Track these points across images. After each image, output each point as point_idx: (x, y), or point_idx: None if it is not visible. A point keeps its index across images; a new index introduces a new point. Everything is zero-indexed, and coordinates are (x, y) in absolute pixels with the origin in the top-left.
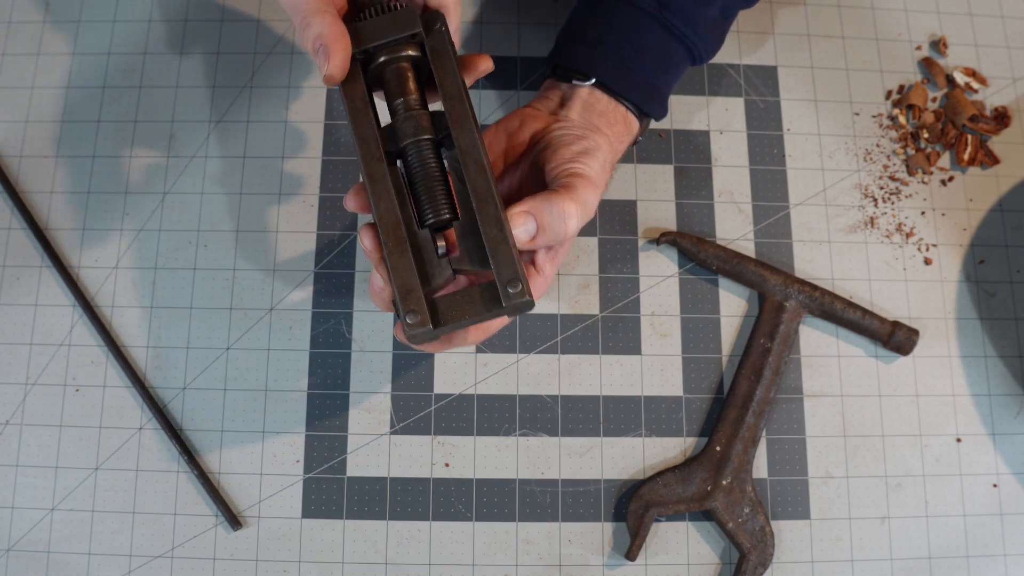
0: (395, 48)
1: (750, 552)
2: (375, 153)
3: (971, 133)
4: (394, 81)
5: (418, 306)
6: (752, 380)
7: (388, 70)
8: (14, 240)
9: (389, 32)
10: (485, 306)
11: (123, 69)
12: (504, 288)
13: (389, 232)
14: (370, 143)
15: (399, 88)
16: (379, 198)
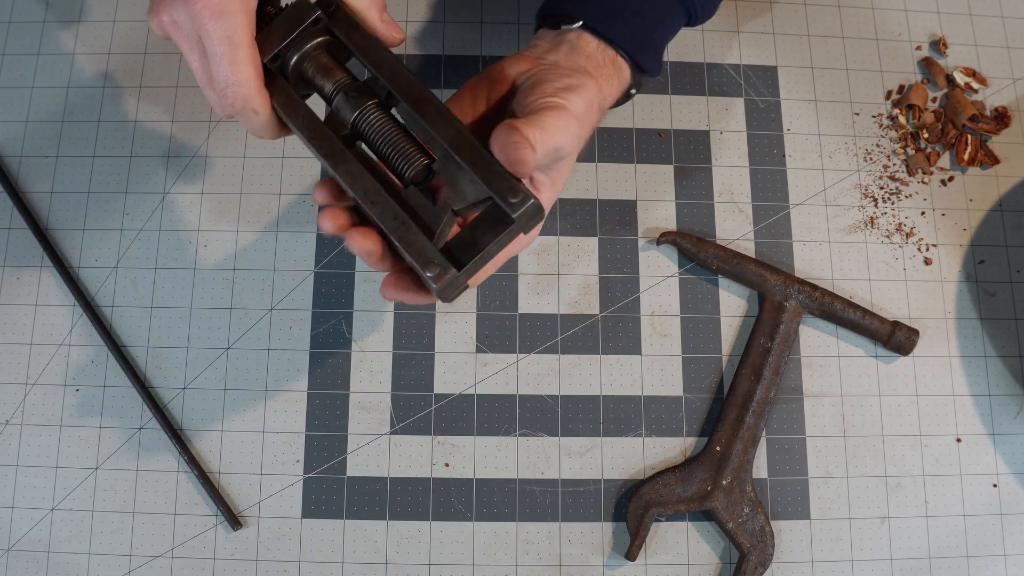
0: (302, 41)
1: (750, 552)
2: (329, 140)
3: (971, 133)
4: (318, 71)
5: (435, 258)
6: (752, 380)
7: (307, 65)
8: (14, 240)
9: (292, 27)
10: (496, 229)
11: (123, 69)
12: (506, 201)
13: (377, 203)
14: (320, 134)
15: (325, 75)
16: (353, 177)
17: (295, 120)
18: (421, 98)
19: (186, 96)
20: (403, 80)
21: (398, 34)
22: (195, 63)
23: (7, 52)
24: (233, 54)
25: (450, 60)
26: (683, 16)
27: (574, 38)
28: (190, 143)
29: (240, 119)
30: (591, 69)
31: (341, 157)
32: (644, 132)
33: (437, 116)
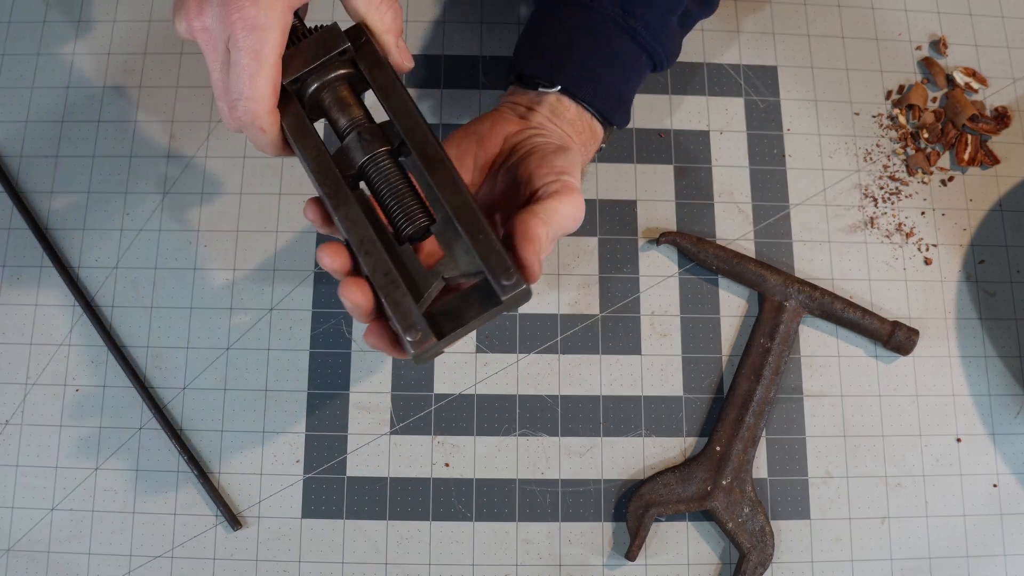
0: (326, 70)
1: (750, 552)
2: (334, 179)
3: (971, 133)
4: (335, 104)
5: (418, 323)
6: (752, 380)
7: (325, 95)
8: (14, 240)
9: (318, 55)
10: (482, 305)
11: (123, 69)
12: (498, 282)
13: (371, 255)
14: (327, 171)
15: (342, 110)
16: (351, 222)
17: (303, 149)
18: (434, 157)
19: (186, 96)
20: (419, 133)
21: (408, 63)
22: (216, 71)
23: (7, 52)
24: (256, 69)
25: (450, 60)
26: (648, 67)
27: (554, 101)
28: (190, 143)
29: (247, 133)
30: (573, 135)
31: (343, 199)
32: (644, 132)
33: (446, 179)
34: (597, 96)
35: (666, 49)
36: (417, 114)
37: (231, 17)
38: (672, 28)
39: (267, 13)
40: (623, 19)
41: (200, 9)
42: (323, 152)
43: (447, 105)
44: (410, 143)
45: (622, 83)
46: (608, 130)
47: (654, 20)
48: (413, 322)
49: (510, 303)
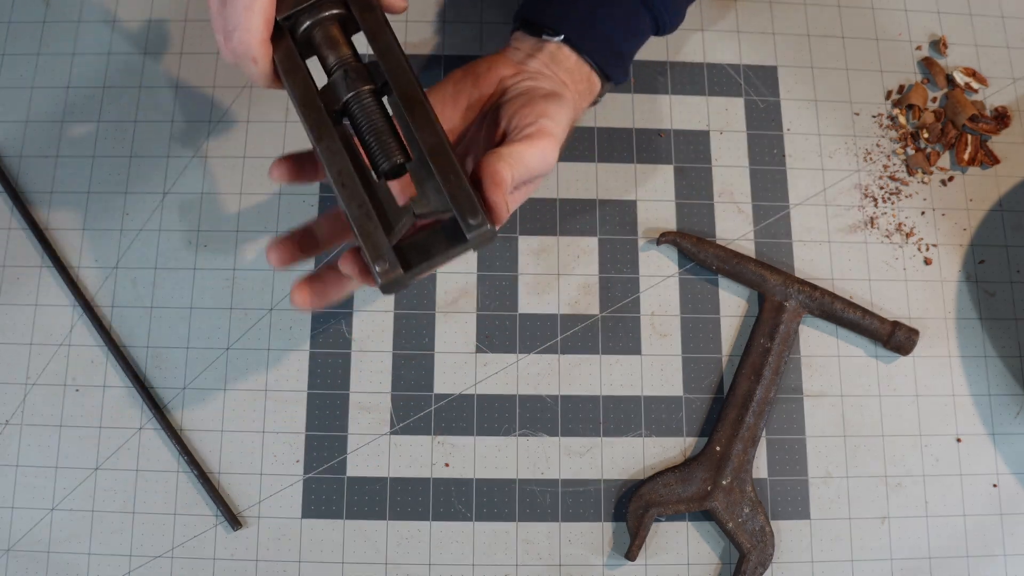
0: (318, 8)
1: (750, 552)
2: (318, 112)
3: (971, 133)
4: (325, 42)
5: (387, 254)
6: (752, 380)
7: (316, 32)
8: (14, 240)
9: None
10: (449, 242)
11: (123, 69)
12: (465, 221)
13: (347, 187)
14: (311, 104)
15: (331, 47)
16: (332, 154)
17: (292, 82)
18: (414, 98)
19: (186, 96)
20: (402, 75)
21: (402, 2)
22: (214, 5)
23: (7, 52)
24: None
25: (450, 60)
26: (652, 28)
27: (554, 49)
28: (190, 143)
29: (240, 65)
30: (569, 83)
31: (326, 131)
32: (644, 132)
33: (424, 120)
34: (598, 49)
35: (670, 12)
36: (402, 57)
37: None
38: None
39: None
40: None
41: None
42: (311, 87)
43: None
44: (393, 83)
45: (624, 40)
46: (605, 84)
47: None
48: (382, 253)
49: (475, 241)
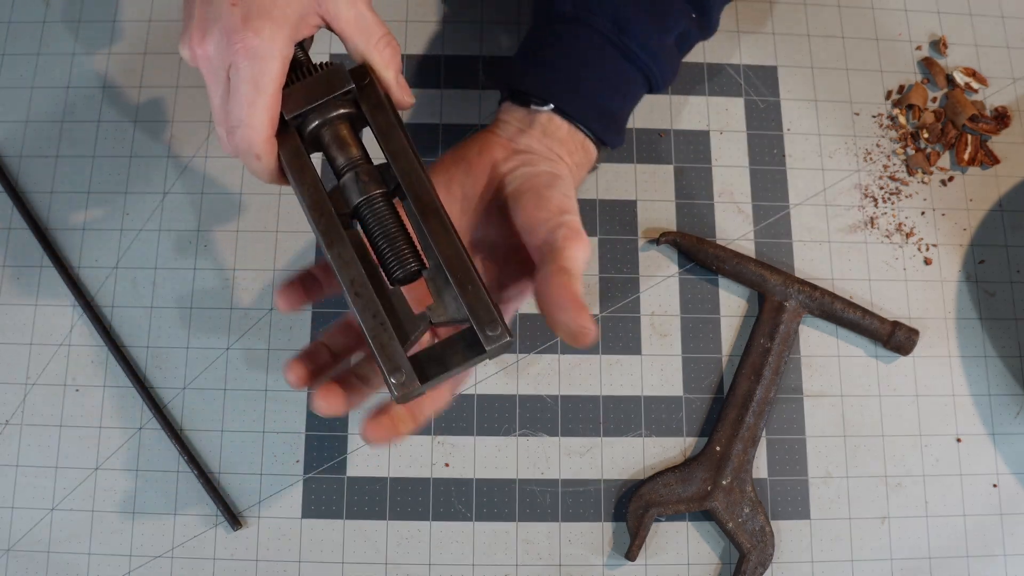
0: (328, 108)
1: (750, 552)
2: (329, 217)
3: (971, 133)
4: (334, 142)
5: (403, 366)
6: (752, 380)
7: (325, 132)
8: (14, 240)
9: (322, 93)
10: (466, 353)
11: (123, 69)
12: (483, 331)
13: (361, 296)
14: (322, 209)
15: (340, 148)
16: (344, 262)
17: (300, 183)
18: (429, 205)
19: (186, 96)
20: (416, 180)
21: (408, 98)
22: (216, 97)
23: (7, 52)
24: (255, 97)
25: (450, 60)
26: (644, 86)
27: (545, 120)
28: (190, 143)
29: (242, 159)
30: (564, 155)
31: (337, 237)
32: (644, 132)
33: (439, 227)
34: (589, 114)
35: (662, 69)
36: (415, 159)
37: (234, 46)
38: (669, 48)
39: (269, 43)
40: (617, 37)
41: (203, 37)
42: (319, 188)
43: (447, 105)
44: (406, 188)
45: (616, 102)
46: (601, 150)
47: (649, 39)
48: (398, 364)
49: (494, 352)
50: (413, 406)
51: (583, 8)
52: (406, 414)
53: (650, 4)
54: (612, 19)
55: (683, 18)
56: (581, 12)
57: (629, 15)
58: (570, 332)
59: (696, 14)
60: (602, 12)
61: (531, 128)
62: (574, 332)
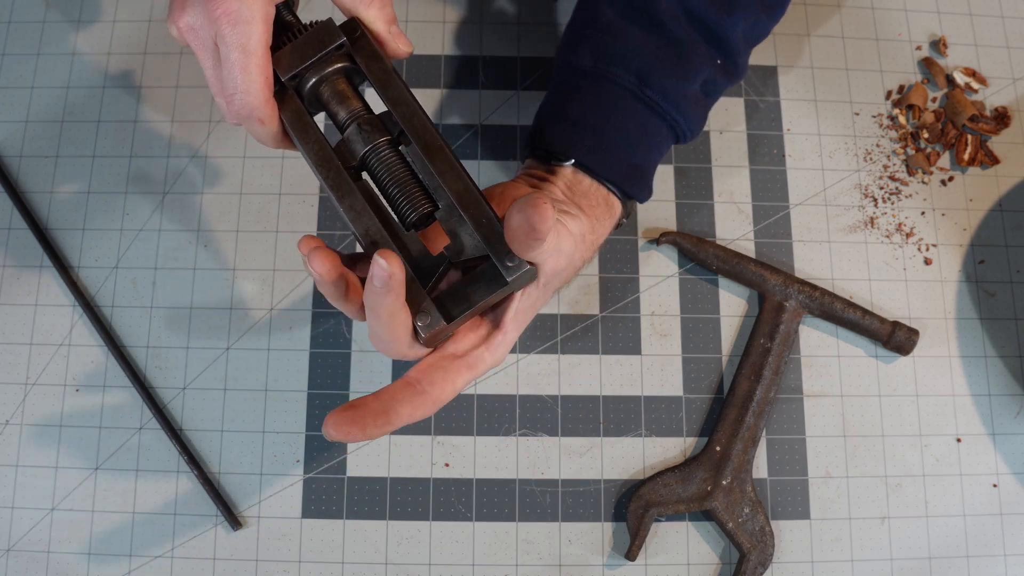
0: (323, 65)
1: (750, 552)
2: (337, 171)
3: (971, 133)
4: (334, 97)
5: (428, 308)
6: (752, 380)
7: (323, 89)
8: (14, 240)
9: (314, 51)
10: (488, 287)
11: (123, 69)
12: (503, 263)
13: (377, 243)
14: (329, 163)
15: (340, 102)
16: (356, 213)
17: (305, 142)
18: (434, 144)
19: (186, 96)
20: (418, 123)
21: (405, 47)
22: (208, 69)
23: (7, 52)
24: (245, 62)
25: (450, 60)
26: (671, 137)
27: (569, 174)
28: (190, 143)
29: (246, 126)
30: (586, 208)
31: (347, 190)
32: None
33: (447, 166)
34: (612, 169)
35: (687, 118)
36: (415, 103)
37: (214, 13)
38: (694, 96)
39: (248, 6)
40: (640, 89)
41: (183, 8)
42: (324, 145)
43: (447, 105)
44: (409, 132)
45: (641, 155)
46: (628, 204)
47: (673, 90)
48: (423, 307)
49: (516, 283)
50: (388, 405)
51: (604, 61)
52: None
53: (672, 53)
54: (634, 72)
55: (707, 65)
56: (602, 66)
57: (651, 67)
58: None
59: (721, 59)
60: (623, 65)
61: (556, 180)
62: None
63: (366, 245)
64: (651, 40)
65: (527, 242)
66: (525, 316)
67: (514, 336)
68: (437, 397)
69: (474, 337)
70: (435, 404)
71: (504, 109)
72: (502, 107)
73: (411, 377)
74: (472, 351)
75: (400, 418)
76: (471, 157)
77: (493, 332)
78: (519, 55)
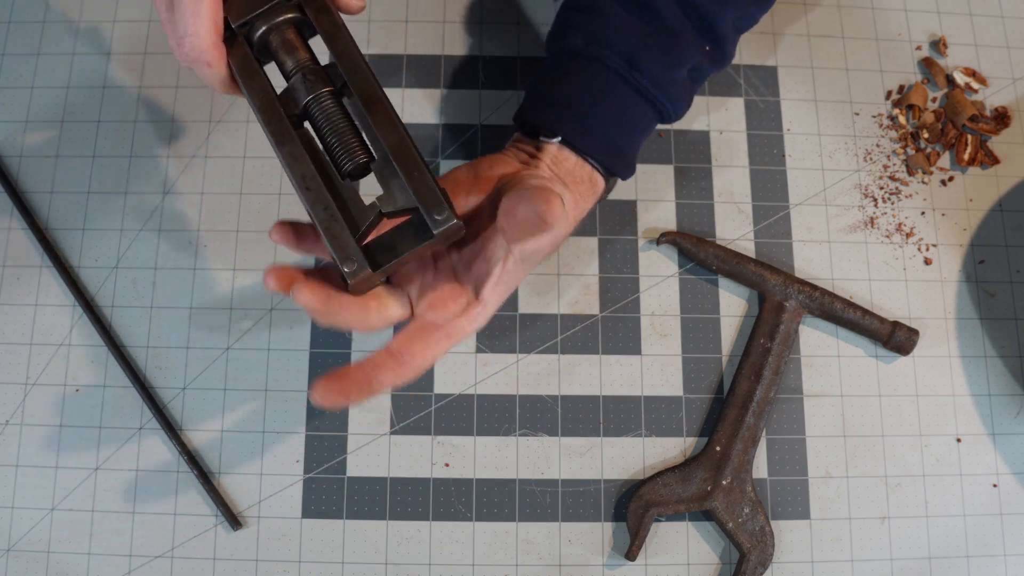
0: (273, 14)
1: (750, 552)
2: (278, 117)
3: (971, 133)
4: (281, 47)
5: (354, 254)
6: (752, 380)
7: (272, 38)
8: (14, 240)
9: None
10: (416, 237)
11: (123, 69)
12: (430, 215)
13: (311, 189)
14: (271, 109)
15: (288, 52)
16: (293, 159)
17: (250, 88)
18: (374, 97)
19: (186, 96)
20: (361, 75)
21: (356, 2)
22: (162, 12)
23: (7, 52)
24: (195, 6)
25: (450, 60)
26: (656, 117)
27: (555, 150)
28: (190, 143)
29: (196, 70)
30: (570, 184)
31: (287, 136)
32: None
33: (384, 118)
34: (597, 147)
35: (674, 103)
36: (359, 57)
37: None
38: (681, 82)
39: None
40: (629, 73)
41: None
42: (269, 92)
43: (447, 105)
44: (351, 84)
45: (625, 135)
46: (610, 181)
47: (661, 74)
48: (349, 253)
49: (441, 237)
50: (371, 374)
51: (595, 43)
52: (362, 381)
53: (662, 38)
54: (624, 55)
55: (695, 51)
56: (592, 48)
57: (641, 51)
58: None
59: (710, 46)
60: (614, 48)
61: (542, 155)
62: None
63: (302, 190)
64: (643, 25)
65: (531, 231)
66: (505, 288)
67: (493, 308)
68: (418, 365)
69: (454, 307)
70: (415, 372)
71: (504, 109)
72: (502, 107)
73: (393, 347)
74: (453, 321)
75: (382, 385)
76: (471, 157)
77: (473, 303)
78: (519, 55)
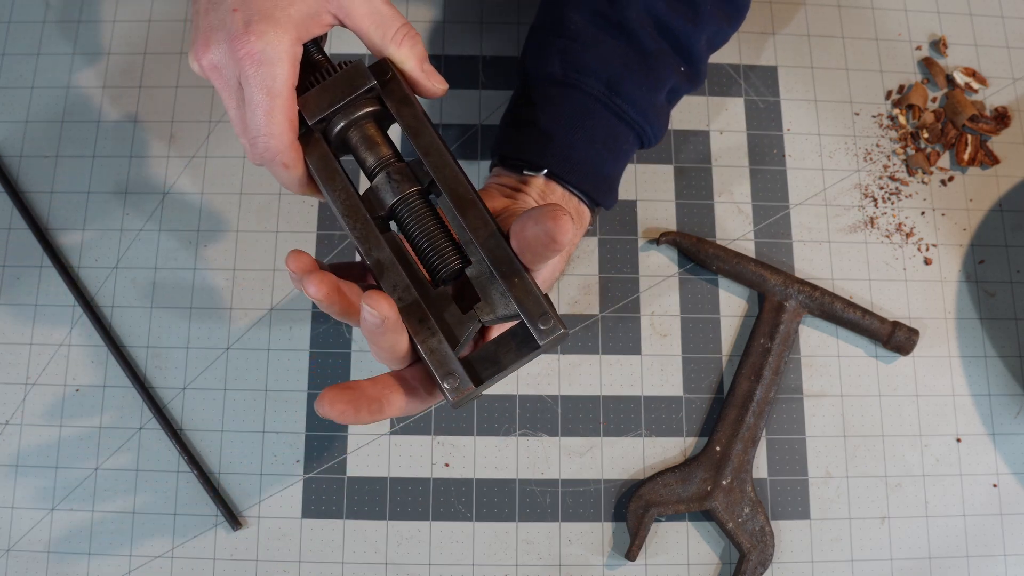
0: (352, 108)
1: (750, 552)
2: (365, 222)
3: (971, 133)
4: (362, 143)
5: (456, 370)
6: (752, 380)
7: (352, 133)
8: (14, 240)
9: (343, 94)
10: (519, 350)
11: (123, 69)
12: (535, 325)
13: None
14: (357, 214)
15: (369, 148)
16: (384, 268)
17: (331, 189)
18: (466, 198)
19: (186, 96)
20: (450, 174)
21: (440, 84)
22: (232, 109)
23: (7, 52)
24: (270, 104)
25: (450, 60)
26: (636, 145)
27: (542, 184)
28: (190, 143)
29: (270, 169)
30: None
31: (375, 243)
32: None
33: (480, 221)
34: (584, 179)
35: (653, 126)
36: (447, 153)
37: (238, 53)
38: (660, 105)
39: (274, 47)
40: (609, 99)
41: (207, 47)
42: (352, 193)
43: (447, 105)
44: (440, 184)
45: (610, 164)
46: (595, 211)
47: (642, 99)
48: (451, 369)
49: (548, 347)
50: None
51: (574, 70)
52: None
53: (641, 62)
54: (604, 80)
55: (673, 73)
56: (571, 74)
57: (621, 76)
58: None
59: (685, 66)
60: (594, 74)
61: (528, 188)
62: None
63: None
64: (620, 49)
65: (544, 253)
66: None
67: None
68: (428, 397)
69: None
70: (424, 403)
71: (504, 109)
72: (502, 107)
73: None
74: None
75: (392, 409)
76: (471, 157)
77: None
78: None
